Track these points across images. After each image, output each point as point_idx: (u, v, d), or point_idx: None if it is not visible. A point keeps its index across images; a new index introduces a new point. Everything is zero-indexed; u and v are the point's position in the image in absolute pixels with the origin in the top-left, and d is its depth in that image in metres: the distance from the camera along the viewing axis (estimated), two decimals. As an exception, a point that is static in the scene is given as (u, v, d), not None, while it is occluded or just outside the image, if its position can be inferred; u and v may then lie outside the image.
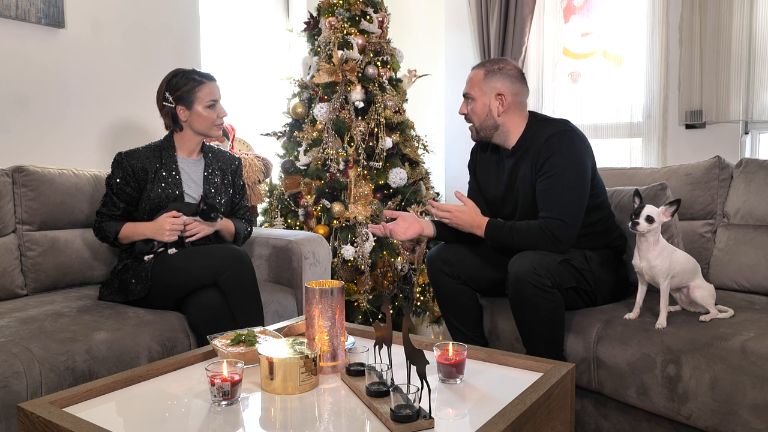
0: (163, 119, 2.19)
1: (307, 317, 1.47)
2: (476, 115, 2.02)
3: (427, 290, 3.23)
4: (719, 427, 1.57)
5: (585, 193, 1.91)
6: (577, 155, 1.91)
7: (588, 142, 1.98)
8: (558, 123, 2.00)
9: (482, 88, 1.99)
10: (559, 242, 1.86)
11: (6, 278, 2.08)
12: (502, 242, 1.93)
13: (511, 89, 1.98)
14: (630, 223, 1.76)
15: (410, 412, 1.15)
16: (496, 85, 1.98)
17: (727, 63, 2.99)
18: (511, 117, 2.00)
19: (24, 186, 2.17)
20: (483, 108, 1.99)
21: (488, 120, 2.00)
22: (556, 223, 1.85)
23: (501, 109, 1.98)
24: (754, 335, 1.60)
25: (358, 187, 3.02)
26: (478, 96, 2.00)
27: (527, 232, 1.89)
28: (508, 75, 1.99)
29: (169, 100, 2.12)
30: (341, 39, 3.12)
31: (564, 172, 1.88)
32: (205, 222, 2.09)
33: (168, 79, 2.15)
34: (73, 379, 1.61)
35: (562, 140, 1.91)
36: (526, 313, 1.82)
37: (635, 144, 3.39)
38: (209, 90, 2.14)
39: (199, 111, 2.12)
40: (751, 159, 2.26)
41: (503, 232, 1.92)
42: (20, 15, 2.36)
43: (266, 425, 1.23)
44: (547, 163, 1.89)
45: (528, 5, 3.64)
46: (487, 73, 1.99)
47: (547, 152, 1.90)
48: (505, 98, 1.97)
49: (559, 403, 1.37)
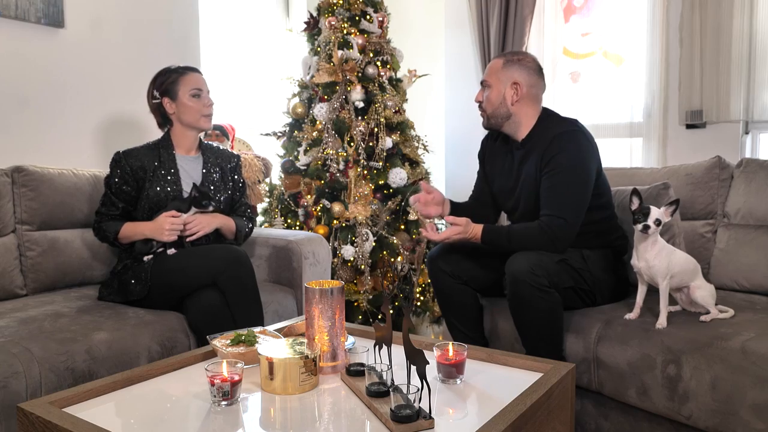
0: (154, 117, 2.21)
1: (307, 317, 1.47)
2: (490, 102, 2.05)
3: (427, 290, 3.23)
4: (719, 427, 1.57)
5: (587, 193, 1.92)
6: (582, 156, 1.92)
7: (594, 143, 2.00)
8: (567, 122, 2.02)
9: (499, 77, 2.03)
10: (558, 241, 1.86)
11: (6, 278, 2.08)
12: (500, 246, 1.94)
13: (528, 80, 2.01)
14: (641, 226, 1.75)
15: (410, 412, 1.14)
16: (513, 75, 2.01)
17: (727, 63, 2.98)
18: (524, 108, 2.02)
19: (23, 186, 2.17)
20: (498, 96, 2.03)
21: (501, 108, 2.03)
22: (558, 222, 1.86)
23: (515, 98, 2.01)
24: (755, 335, 1.60)
25: (358, 187, 3.02)
26: (494, 83, 2.03)
27: (524, 235, 1.90)
28: (527, 67, 2.03)
29: (156, 95, 2.15)
30: (341, 39, 3.12)
31: (568, 171, 1.89)
32: (199, 209, 2.08)
33: (154, 78, 2.19)
34: (72, 380, 1.60)
35: (569, 140, 1.93)
36: (525, 313, 1.83)
37: (635, 144, 3.39)
38: (192, 79, 2.15)
39: (184, 101, 2.12)
40: (752, 159, 2.26)
41: (500, 237, 1.93)
42: (20, 15, 2.36)
43: (266, 425, 1.23)
44: (552, 162, 1.91)
45: (528, 5, 3.64)
46: (506, 63, 2.03)
47: (553, 151, 1.91)
48: (521, 88, 2.00)
49: (559, 404, 1.37)
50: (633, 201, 1.80)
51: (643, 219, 1.75)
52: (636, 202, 1.79)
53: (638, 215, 1.77)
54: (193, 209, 2.09)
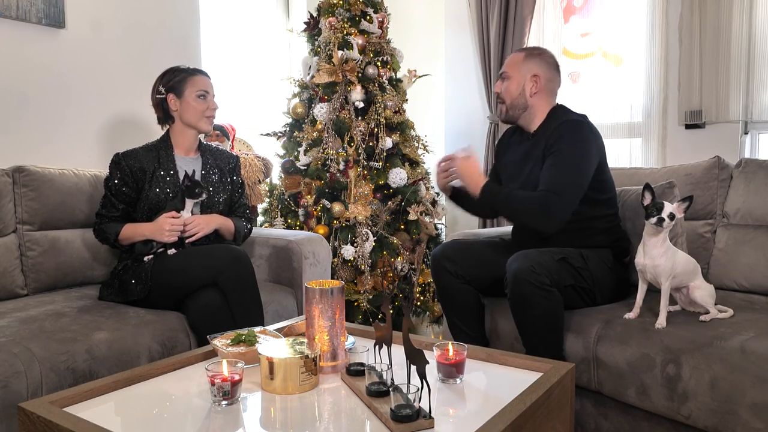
0: (156, 113, 2.21)
1: (307, 317, 1.47)
2: (509, 93, 2.10)
3: (427, 290, 3.24)
4: (719, 427, 1.57)
5: (584, 177, 1.95)
6: (583, 142, 1.96)
7: (600, 137, 2.04)
8: (575, 114, 2.07)
9: (520, 69, 2.09)
10: (549, 215, 1.89)
11: (6, 278, 2.08)
12: (495, 206, 2.01)
13: (547, 74, 2.07)
14: (655, 219, 1.74)
15: (410, 412, 1.15)
16: (533, 68, 2.07)
17: (726, 63, 2.99)
18: (540, 101, 2.08)
19: (24, 186, 2.17)
20: (517, 87, 2.08)
21: (520, 99, 2.08)
22: (552, 196, 1.89)
23: (534, 90, 2.07)
24: (754, 335, 1.61)
25: (358, 187, 3.02)
26: (514, 75, 2.09)
27: (522, 200, 1.94)
28: (546, 61, 2.09)
29: (161, 91, 2.16)
30: (341, 39, 3.12)
31: (567, 154, 1.94)
32: (193, 199, 2.08)
33: (162, 74, 2.20)
34: (73, 379, 1.61)
35: (572, 127, 1.98)
36: (525, 312, 1.83)
37: (635, 144, 3.40)
38: (200, 81, 2.17)
39: (189, 101, 2.14)
40: (751, 159, 2.27)
41: (499, 195, 1.98)
42: (21, 15, 2.36)
43: (266, 425, 1.23)
44: (555, 146, 1.96)
45: (528, 5, 3.64)
46: (527, 56, 2.10)
47: (556, 136, 1.97)
48: (539, 80, 2.06)
49: (559, 403, 1.37)
50: (645, 196, 1.79)
51: (657, 213, 1.75)
52: (648, 197, 1.79)
53: (651, 209, 1.76)
54: (189, 204, 2.08)
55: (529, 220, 1.95)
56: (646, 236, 1.81)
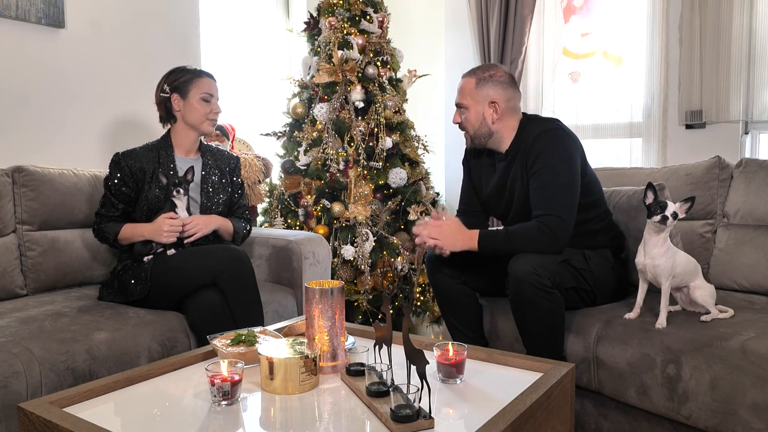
0: (158, 111, 2.21)
1: (307, 317, 1.47)
2: (470, 123, 2.02)
3: (427, 290, 3.23)
4: (719, 427, 1.57)
5: (576, 188, 1.92)
6: (566, 152, 1.92)
7: (577, 139, 1.99)
8: (546, 121, 2.01)
9: (475, 97, 1.99)
10: (557, 239, 1.86)
11: (6, 278, 2.08)
12: (498, 250, 1.90)
13: (504, 96, 1.98)
14: (658, 217, 1.74)
15: (410, 412, 1.15)
16: (489, 93, 1.98)
17: (727, 63, 2.99)
18: (505, 123, 2.00)
19: (24, 186, 2.17)
20: (477, 116, 2.00)
21: (483, 128, 2.01)
22: (553, 219, 1.85)
23: (495, 117, 1.99)
24: (754, 335, 1.60)
25: (358, 187, 3.02)
26: (471, 105, 2.00)
27: (523, 234, 1.87)
28: (500, 82, 1.99)
29: (166, 90, 2.16)
30: (341, 39, 3.12)
31: (554, 169, 1.88)
32: (179, 188, 2.05)
33: (168, 72, 2.20)
34: (73, 379, 1.61)
35: (550, 138, 1.92)
36: (527, 313, 1.82)
37: (635, 144, 3.39)
38: (206, 83, 2.17)
39: (193, 102, 2.14)
40: (751, 159, 2.27)
41: (498, 239, 1.89)
42: (20, 15, 2.36)
43: (266, 425, 1.23)
44: (538, 162, 1.90)
45: (528, 5, 3.64)
46: (479, 82, 1.99)
47: (536, 151, 1.91)
48: (499, 105, 1.98)
49: (559, 403, 1.37)
50: (648, 195, 1.79)
51: (660, 211, 1.74)
52: (651, 196, 1.78)
53: (654, 208, 1.76)
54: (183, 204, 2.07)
55: (537, 250, 1.86)
56: (647, 235, 1.81)
